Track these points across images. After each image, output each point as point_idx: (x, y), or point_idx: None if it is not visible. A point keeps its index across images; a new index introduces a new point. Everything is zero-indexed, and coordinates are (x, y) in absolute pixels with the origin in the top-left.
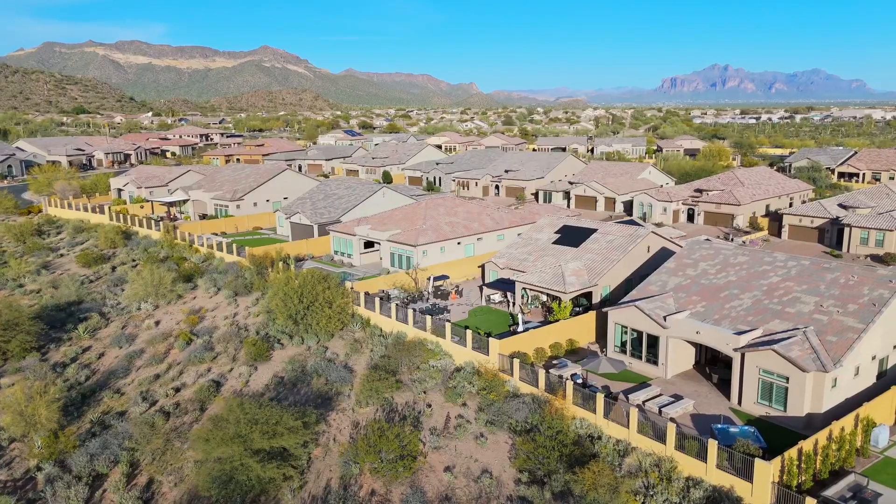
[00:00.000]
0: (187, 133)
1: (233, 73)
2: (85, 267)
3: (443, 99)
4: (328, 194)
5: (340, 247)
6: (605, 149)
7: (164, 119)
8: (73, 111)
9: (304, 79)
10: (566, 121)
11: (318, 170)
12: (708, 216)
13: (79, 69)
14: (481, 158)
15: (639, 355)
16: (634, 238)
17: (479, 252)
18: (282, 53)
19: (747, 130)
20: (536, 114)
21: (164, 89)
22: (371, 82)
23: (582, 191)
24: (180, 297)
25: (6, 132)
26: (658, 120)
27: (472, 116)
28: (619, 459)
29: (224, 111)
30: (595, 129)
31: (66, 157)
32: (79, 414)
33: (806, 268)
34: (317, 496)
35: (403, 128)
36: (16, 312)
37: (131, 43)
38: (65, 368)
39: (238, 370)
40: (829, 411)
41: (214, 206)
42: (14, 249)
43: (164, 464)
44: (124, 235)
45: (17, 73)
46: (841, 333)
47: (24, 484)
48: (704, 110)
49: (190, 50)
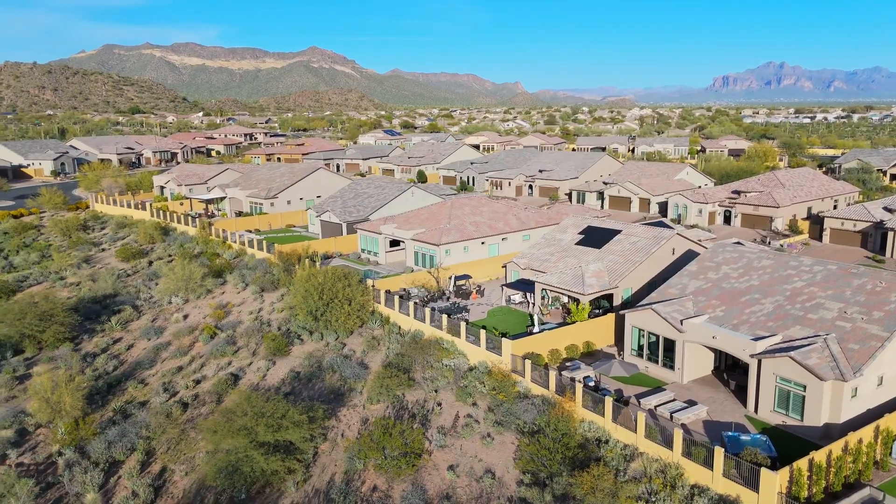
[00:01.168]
0: (232, 132)
1: (282, 74)
2: (124, 261)
3: (487, 98)
4: (358, 193)
5: (367, 245)
6: (646, 149)
7: (213, 119)
8: (128, 111)
9: (351, 79)
10: (610, 120)
11: (355, 169)
12: (745, 218)
13: (136, 70)
14: (516, 158)
15: (655, 359)
16: (658, 240)
17: (503, 252)
18: (329, 54)
19: (800, 130)
20: (581, 113)
21: (216, 89)
22: (416, 82)
23: (616, 191)
24: (209, 291)
25: (64, 131)
26: (706, 119)
27: (514, 116)
28: (624, 464)
29: (272, 111)
30: (639, 128)
31: (116, 155)
32: (103, 402)
33: (832, 273)
34: (320, 490)
35: (444, 127)
36: (51, 304)
37: (186, 45)
38: (95, 358)
39: (257, 364)
40: (849, 422)
41: (250, 204)
42: (60, 244)
43: (177, 453)
44: (163, 231)
45: (78, 74)
46: (864, 341)
47: (46, 468)
48: (756, 109)
49: (241, 51)
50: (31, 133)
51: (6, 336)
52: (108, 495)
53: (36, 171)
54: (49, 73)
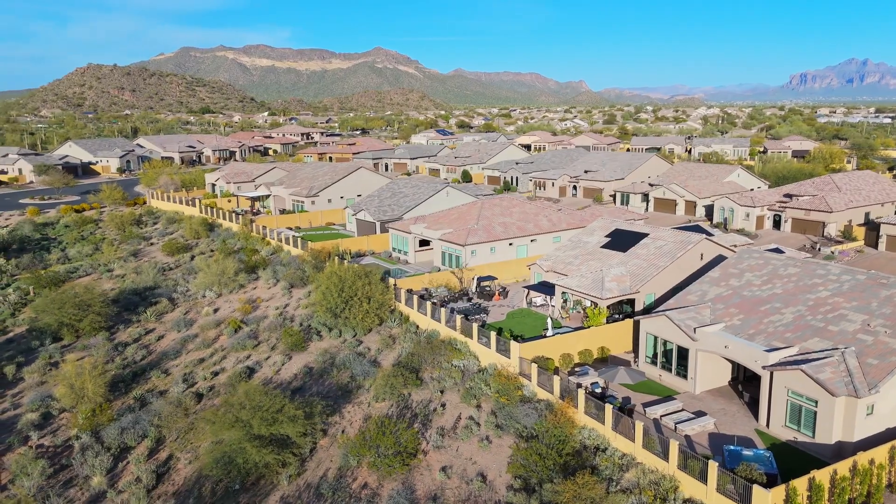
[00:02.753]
0: (290, 132)
1: (347, 74)
2: (168, 255)
3: (550, 97)
4: (395, 192)
5: (398, 244)
6: (703, 149)
7: (276, 119)
8: (199, 111)
9: (414, 79)
10: (673, 120)
11: (403, 168)
12: (796, 223)
13: (210, 72)
14: (562, 158)
15: (669, 367)
16: (685, 244)
17: (532, 254)
18: (393, 54)
19: (878, 131)
20: (644, 112)
21: (285, 90)
22: (478, 82)
23: (661, 193)
24: (242, 286)
25: (136, 130)
26: (776, 119)
27: (574, 115)
28: (619, 473)
29: (335, 111)
30: (702, 128)
31: (178, 153)
32: (126, 390)
33: (860, 283)
34: (312, 484)
35: (500, 127)
36: (89, 294)
37: (257, 47)
38: (125, 348)
39: (274, 359)
40: (863, 441)
41: (292, 202)
42: (114, 237)
43: (185, 442)
44: (209, 227)
45: (154, 76)
46: (884, 356)
47: (63, 451)
48: (834, 108)
49: (309, 52)
50: (107, 132)
51: (46, 324)
52: (114, 479)
53: (103, 168)
54: (128, 74)
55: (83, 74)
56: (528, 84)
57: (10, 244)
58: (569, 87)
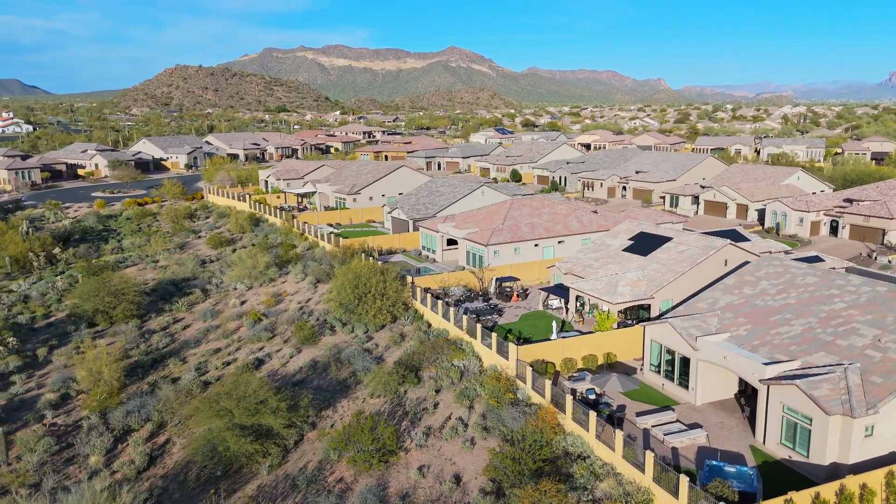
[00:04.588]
0: (353, 130)
1: (421, 74)
2: (212, 248)
3: (626, 96)
4: (433, 191)
5: (427, 242)
6: (772, 150)
7: (346, 117)
8: (275, 110)
9: (487, 78)
10: (752, 119)
11: (455, 167)
12: (854, 230)
13: (290, 72)
14: (614, 158)
15: (672, 377)
16: (706, 250)
17: (558, 255)
18: (467, 53)
19: None
20: (722, 111)
21: (360, 89)
22: (553, 80)
23: (712, 196)
24: (272, 280)
25: (212, 127)
26: (868, 118)
27: (647, 114)
28: (594, 482)
29: (406, 110)
30: (780, 128)
31: (243, 150)
32: (144, 375)
33: (879, 295)
34: (290, 475)
35: (565, 126)
36: (124, 283)
37: (335, 47)
38: (152, 335)
39: (284, 351)
40: (861, 464)
41: (335, 199)
42: (166, 230)
43: (184, 427)
44: (255, 222)
45: (236, 76)
46: (889, 375)
47: (73, 430)
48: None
49: (384, 52)
50: (185, 129)
51: (84, 311)
52: (111, 459)
53: (172, 164)
54: (211, 75)
55: (171, 75)
56: (604, 82)
57: (72, 234)
58: (646, 85)
